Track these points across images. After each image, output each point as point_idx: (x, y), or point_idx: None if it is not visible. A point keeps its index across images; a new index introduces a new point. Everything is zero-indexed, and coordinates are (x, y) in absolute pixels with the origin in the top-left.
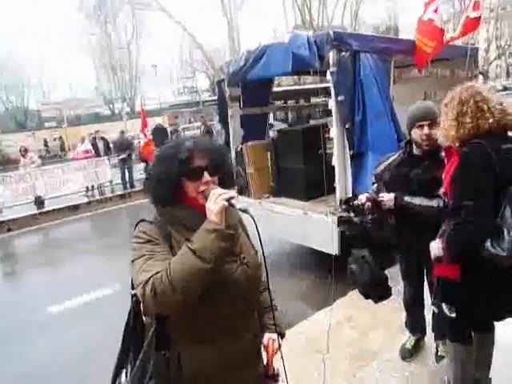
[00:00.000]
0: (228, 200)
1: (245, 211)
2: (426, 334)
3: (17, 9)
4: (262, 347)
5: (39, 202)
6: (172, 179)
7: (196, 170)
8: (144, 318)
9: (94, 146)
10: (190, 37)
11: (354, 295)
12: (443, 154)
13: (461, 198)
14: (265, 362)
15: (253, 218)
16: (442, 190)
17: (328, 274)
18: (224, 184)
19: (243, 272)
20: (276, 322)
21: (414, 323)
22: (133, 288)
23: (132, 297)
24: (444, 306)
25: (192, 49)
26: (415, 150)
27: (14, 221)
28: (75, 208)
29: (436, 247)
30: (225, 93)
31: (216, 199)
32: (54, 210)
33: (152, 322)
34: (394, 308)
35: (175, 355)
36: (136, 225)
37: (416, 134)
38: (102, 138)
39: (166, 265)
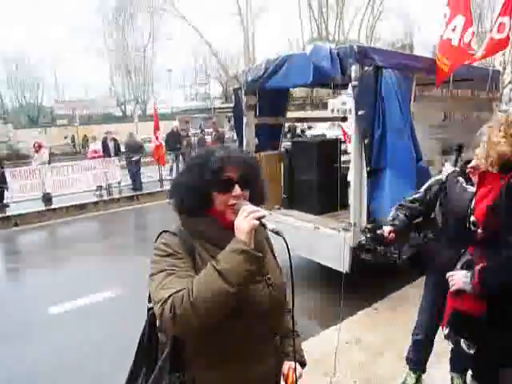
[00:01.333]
0: (259, 219)
1: (277, 233)
2: (425, 371)
3: (35, 8)
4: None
5: (47, 198)
6: (201, 189)
7: (227, 181)
8: (159, 335)
9: (105, 146)
10: (207, 44)
11: (364, 315)
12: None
13: (506, 231)
14: None
15: (285, 242)
16: (472, 218)
17: (337, 291)
18: (254, 200)
19: (268, 294)
20: (296, 349)
21: (419, 362)
22: (149, 301)
23: (148, 310)
24: (462, 341)
25: (207, 55)
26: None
27: (20, 216)
28: (82, 207)
29: (462, 280)
30: (241, 101)
31: (246, 217)
32: (61, 207)
33: (167, 342)
34: (405, 331)
35: (190, 379)
36: (158, 235)
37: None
38: (113, 139)
39: (187, 283)
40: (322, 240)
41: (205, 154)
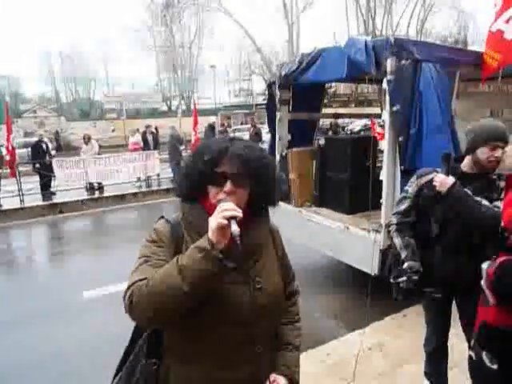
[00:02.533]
0: (228, 219)
1: (234, 238)
2: None
3: (88, 7)
4: None
5: (91, 187)
6: (195, 177)
7: (218, 175)
8: None
9: (144, 139)
10: (251, 40)
11: (391, 320)
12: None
13: None
14: None
15: (237, 245)
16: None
17: (364, 293)
18: (257, 200)
19: (251, 297)
20: (289, 365)
21: (438, 375)
22: None
23: None
24: (484, 355)
25: (251, 51)
26: (466, 168)
27: (65, 204)
28: (122, 197)
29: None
30: (275, 95)
31: (217, 214)
32: (101, 197)
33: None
34: None
35: (164, 369)
36: (157, 221)
37: (485, 153)
38: (152, 133)
39: (152, 273)
40: (353, 240)
41: (211, 143)
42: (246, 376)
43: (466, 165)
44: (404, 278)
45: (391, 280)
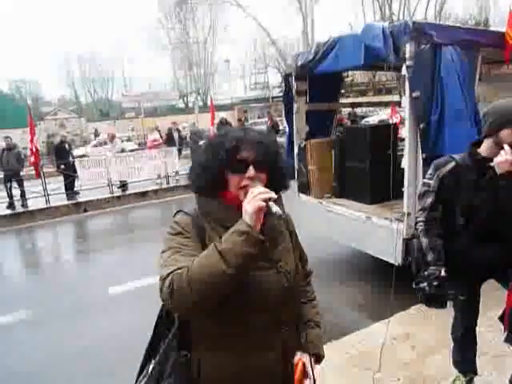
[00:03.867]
0: (266, 201)
1: (280, 217)
2: (477, 373)
3: (102, 9)
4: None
5: (120, 185)
6: (215, 168)
7: (241, 162)
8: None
9: (170, 136)
10: (265, 32)
11: (417, 310)
12: None
13: None
14: None
15: (286, 223)
16: None
17: (388, 283)
18: (272, 185)
19: (278, 281)
20: (313, 341)
21: (467, 362)
22: None
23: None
24: None
25: (265, 44)
26: (486, 153)
27: (89, 202)
28: (143, 195)
29: None
30: (291, 86)
31: (253, 198)
32: (124, 195)
33: (175, 319)
34: None
35: (196, 357)
36: (175, 214)
37: (509, 135)
38: (178, 130)
39: (189, 262)
40: (375, 230)
41: (223, 133)
42: (275, 358)
43: (486, 149)
44: (425, 284)
45: (413, 285)
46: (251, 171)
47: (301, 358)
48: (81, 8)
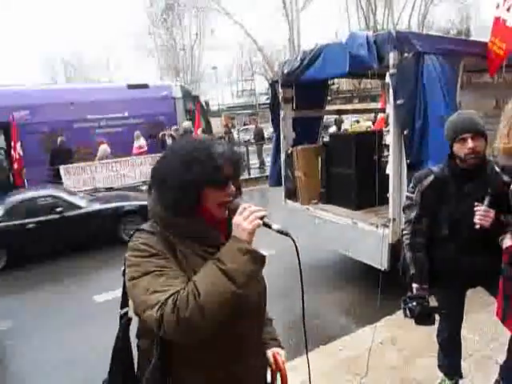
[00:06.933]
0: (261, 219)
1: (284, 233)
2: (462, 376)
3: (87, 11)
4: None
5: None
6: (199, 187)
7: (225, 178)
8: (140, 341)
9: (163, 142)
10: (252, 39)
11: (402, 315)
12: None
13: None
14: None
15: (294, 242)
16: None
17: (375, 288)
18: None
19: (255, 288)
20: (275, 337)
21: (452, 366)
22: (122, 307)
23: (121, 317)
24: None
25: (252, 51)
26: (461, 165)
27: None
28: None
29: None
30: (278, 94)
31: (249, 217)
32: None
33: (151, 348)
34: None
35: (179, 381)
36: (132, 235)
37: (460, 149)
38: (171, 136)
39: (184, 284)
40: (361, 236)
41: (202, 147)
42: (257, 367)
43: (459, 162)
44: (414, 304)
45: (401, 304)
46: (232, 187)
47: (274, 352)
48: (65, 11)
